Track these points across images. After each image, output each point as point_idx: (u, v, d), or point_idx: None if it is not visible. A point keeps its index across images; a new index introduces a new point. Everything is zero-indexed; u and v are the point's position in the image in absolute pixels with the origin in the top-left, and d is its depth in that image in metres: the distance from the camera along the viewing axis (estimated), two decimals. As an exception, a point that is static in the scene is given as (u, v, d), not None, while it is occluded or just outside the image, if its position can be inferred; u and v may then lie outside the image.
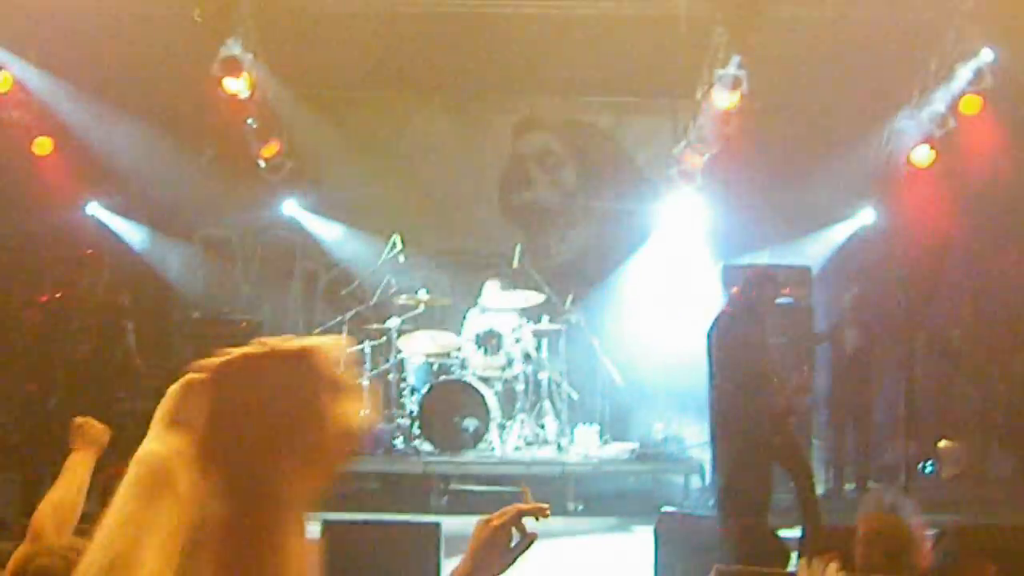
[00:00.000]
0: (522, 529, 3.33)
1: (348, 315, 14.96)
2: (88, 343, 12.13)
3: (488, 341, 14.66)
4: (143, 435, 1.76)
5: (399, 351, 14.81)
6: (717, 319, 11.35)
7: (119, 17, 14.72)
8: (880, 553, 6.37)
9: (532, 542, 3.33)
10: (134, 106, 15.73)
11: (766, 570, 7.60)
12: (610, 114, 17.78)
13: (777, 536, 9.26)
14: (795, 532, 9.91)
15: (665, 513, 9.70)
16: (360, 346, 14.76)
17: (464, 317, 15.28)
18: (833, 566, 6.08)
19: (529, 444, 14.49)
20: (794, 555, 8.93)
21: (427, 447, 14.25)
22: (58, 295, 12.33)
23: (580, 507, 13.41)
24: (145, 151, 16.20)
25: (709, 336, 11.30)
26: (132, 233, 16.61)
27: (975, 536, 8.92)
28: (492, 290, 15.10)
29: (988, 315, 15.11)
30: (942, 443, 15.79)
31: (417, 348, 14.78)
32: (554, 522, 12.12)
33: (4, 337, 14.16)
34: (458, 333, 15.04)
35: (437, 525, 8.99)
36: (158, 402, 1.79)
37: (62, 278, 12.64)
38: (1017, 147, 14.75)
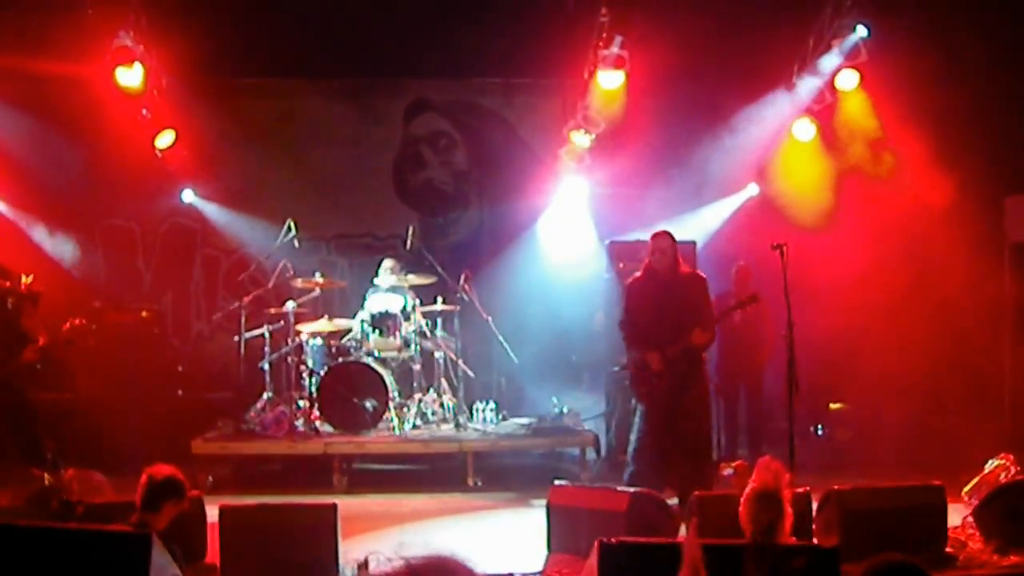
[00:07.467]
0: None
1: (247, 300, 14.94)
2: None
3: (384, 322, 14.73)
4: None
5: (297, 334, 14.86)
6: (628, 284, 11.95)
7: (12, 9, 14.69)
8: (763, 518, 6.71)
9: None
10: (30, 101, 15.65)
11: (650, 539, 7.69)
12: (500, 95, 18.04)
13: (664, 504, 9.57)
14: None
15: (556, 486, 10.00)
16: (260, 330, 14.89)
17: (364, 299, 15.37)
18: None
19: (428, 422, 14.63)
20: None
21: (327, 428, 14.34)
22: None
23: (479, 483, 13.53)
24: (41, 145, 16.02)
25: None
26: (31, 226, 16.44)
27: (856, 498, 9.33)
28: (387, 271, 15.27)
29: (872, 280, 15.45)
30: (833, 405, 16.21)
31: (315, 330, 14.87)
32: (454, 499, 12.38)
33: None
34: (355, 315, 15.15)
35: (334, 506, 9.17)
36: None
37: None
38: (892, 118, 15.17)
